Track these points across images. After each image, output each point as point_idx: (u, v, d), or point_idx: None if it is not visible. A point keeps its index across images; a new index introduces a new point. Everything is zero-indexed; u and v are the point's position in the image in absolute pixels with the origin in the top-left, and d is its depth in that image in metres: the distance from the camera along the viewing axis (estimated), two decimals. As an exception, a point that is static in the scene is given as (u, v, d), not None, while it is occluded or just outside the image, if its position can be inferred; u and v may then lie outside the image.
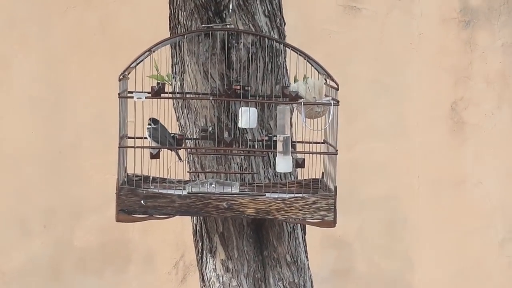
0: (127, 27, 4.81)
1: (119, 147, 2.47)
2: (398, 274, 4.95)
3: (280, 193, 2.53)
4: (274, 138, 2.59)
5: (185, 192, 2.47)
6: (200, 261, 2.82)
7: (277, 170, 2.50)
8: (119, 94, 2.47)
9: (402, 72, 4.96)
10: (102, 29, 4.79)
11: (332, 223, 2.47)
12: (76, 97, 4.81)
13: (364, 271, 4.95)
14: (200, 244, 2.81)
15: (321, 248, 4.94)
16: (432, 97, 4.97)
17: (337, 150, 2.49)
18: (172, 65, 2.77)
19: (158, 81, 2.61)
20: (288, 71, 2.81)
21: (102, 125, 4.71)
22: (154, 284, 4.88)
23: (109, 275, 4.84)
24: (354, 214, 4.93)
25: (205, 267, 2.81)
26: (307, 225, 2.77)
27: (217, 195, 2.47)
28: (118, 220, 2.48)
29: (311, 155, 2.61)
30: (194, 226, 2.83)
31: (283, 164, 2.46)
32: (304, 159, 2.51)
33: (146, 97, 2.44)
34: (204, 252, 2.80)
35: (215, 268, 2.78)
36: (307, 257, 2.88)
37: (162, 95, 2.47)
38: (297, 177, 2.82)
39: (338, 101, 2.46)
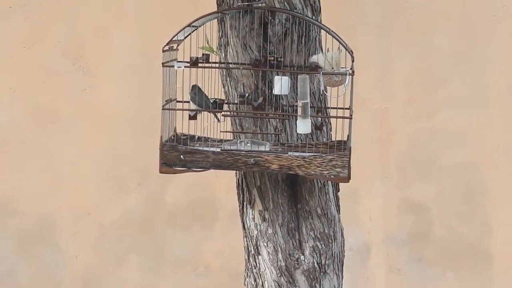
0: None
1: (162, 109, 2.85)
2: (476, 240, 5.02)
3: (302, 152, 2.86)
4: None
5: (218, 149, 2.83)
6: (241, 211, 3.18)
7: (298, 131, 2.82)
8: (162, 63, 2.84)
9: (485, 44, 4.95)
10: (194, 2, 4.88)
11: (347, 179, 2.78)
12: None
13: (441, 235, 5.03)
14: (241, 196, 3.17)
15: (399, 212, 5.06)
16: (514, 68, 4.93)
17: (351, 115, 2.78)
18: (219, 38, 3.12)
19: (203, 52, 2.97)
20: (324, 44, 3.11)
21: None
22: (239, 241, 5.18)
23: (196, 231, 5.11)
24: (433, 180, 5.02)
25: (245, 217, 3.16)
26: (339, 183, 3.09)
27: (246, 152, 2.82)
28: (161, 172, 2.87)
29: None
30: (237, 180, 3.19)
31: (303, 126, 2.78)
32: (322, 123, 2.81)
33: (185, 66, 2.81)
34: (245, 203, 3.15)
35: (254, 217, 3.13)
36: (337, 210, 3.20)
37: (200, 64, 2.82)
38: (332, 139, 3.13)
39: (353, 71, 2.76)
